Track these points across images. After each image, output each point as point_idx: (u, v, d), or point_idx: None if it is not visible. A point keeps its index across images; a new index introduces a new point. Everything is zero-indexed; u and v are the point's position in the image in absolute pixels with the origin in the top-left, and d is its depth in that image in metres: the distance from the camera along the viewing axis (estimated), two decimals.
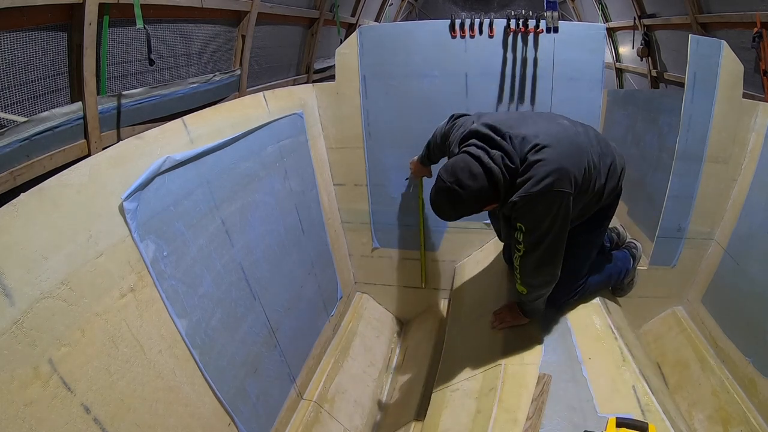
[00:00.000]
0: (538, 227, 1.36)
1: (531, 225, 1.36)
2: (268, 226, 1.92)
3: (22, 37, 1.46)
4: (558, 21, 2.18)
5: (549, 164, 1.29)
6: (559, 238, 1.39)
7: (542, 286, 1.51)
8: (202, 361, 1.39)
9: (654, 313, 2.37)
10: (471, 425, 1.39)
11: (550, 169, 1.29)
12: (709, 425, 1.79)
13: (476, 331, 1.85)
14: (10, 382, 0.88)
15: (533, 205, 1.32)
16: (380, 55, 2.34)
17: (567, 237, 1.41)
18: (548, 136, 1.34)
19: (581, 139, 1.42)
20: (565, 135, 1.39)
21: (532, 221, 1.36)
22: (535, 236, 1.37)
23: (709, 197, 2.15)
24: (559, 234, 1.38)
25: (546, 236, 1.37)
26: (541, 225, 1.35)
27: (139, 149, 1.34)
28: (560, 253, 1.43)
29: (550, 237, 1.37)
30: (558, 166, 1.30)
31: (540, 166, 1.30)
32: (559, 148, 1.33)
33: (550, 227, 1.35)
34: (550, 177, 1.29)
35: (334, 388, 2.09)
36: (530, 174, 1.31)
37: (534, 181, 1.30)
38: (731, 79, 2.04)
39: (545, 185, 1.29)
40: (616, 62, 5.45)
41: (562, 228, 1.37)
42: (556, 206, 1.32)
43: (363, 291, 2.79)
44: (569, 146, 1.36)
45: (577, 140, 1.40)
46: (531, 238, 1.38)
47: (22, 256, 0.97)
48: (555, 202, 1.32)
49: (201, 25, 2.38)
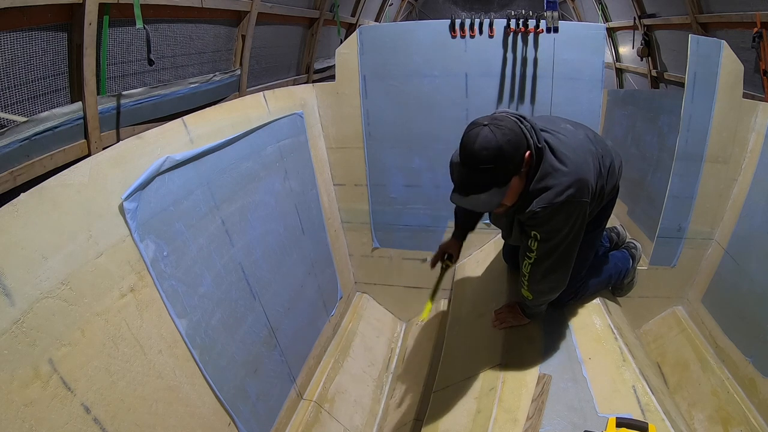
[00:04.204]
0: (554, 236, 1.33)
1: (547, 234, 1.34)
2: (268, 226, 1.92)
3: (22, 37, 1.46)
4: (558, 21, 2.18)
5: (570, 175, 1.27)
6: (572, 246, 1.37)
7: (550, 292, 1.49)
8: (202, 361, 1.39)
9: (654, 313, 2.37)
10: (471, 425, 1.39)
11: (571, 180, 1.26)
12: (709, 425, 1.79)
13: (476, 331, 1.85)
14: (10, 382, 0.88)
15: (553, 215, 1.29)
16: (380, 55, 2.34)
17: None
18: (565, 144, 1.32)
19: (589, 145, 1.41)
20: (578, 142, 1.37)
21: (549, 231, 1.33)
22: (549, 245, 1.35)
23: (709, 197, 2.15)
24: (573, 243, 1.36)
25: (560, 245, 1.35)
26: (558, 234, 1.33)
27: (139, 149, 1.34)
28: (572, 261, 1.41)
29: (564, 246, 1.35)
30: (579, 176, 1.27)
31: (561, 176, 1.27)
32: (575, 156, 1.30)
33: (566, 236, 1.33)
34: (572, 188, 1.26)
35: (334, 388, 2.09)
36: (550, 183, 1.27)
37: (556, 191, 1.26)
38: (731, 79, 2.04)
39: (567, 196, 1.26)
40: (616, 62, 5.45)
41: (576, 237, 1.36)
42: (575, 216, 1.30)
43: (363, 291, 2.79)
44: (584, 154, 1.34)
45: (587, 147, 1.39)
46: (545, 247, 1.35)
47: (22, 256, 0.97)
48: (574, 212, 1.30)
49: (201, 25, 2.38)
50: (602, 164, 1.44)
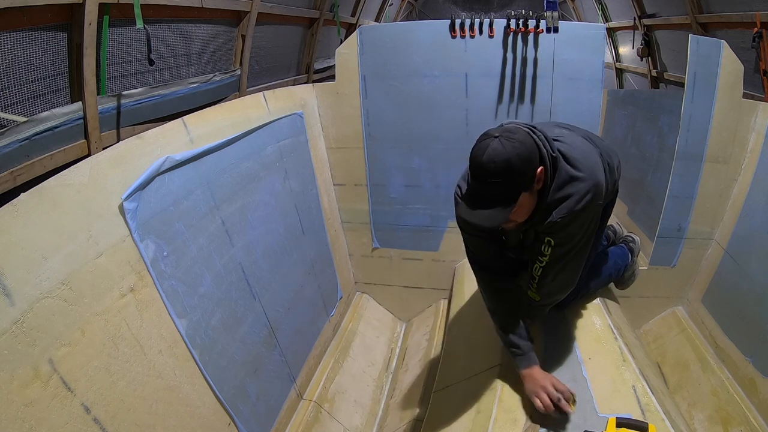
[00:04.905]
0: (569, 242, 1.33)
1: (562, 240, 1.33)
2: (268, 226, 1.92)
3: (22, 37, 1.46)
4: (558, 21, 2.18)
5: (587, 180, 1.26)
6: (584, 249, 1.37)
7: (558, 293, 1.49)
8: (202, 361, 1.39)
9: (654, 313, 2.37)
10: (471, 425, 1.39)
11: (589, 186, 1.25)
12: (709, 425, 1.79)
13: (476, 331, 1.85)
14: (10, 382, 0.88)
15: (571, 222, 1.29)
16: (380, 55, 2.34)
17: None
18: (576, 149, 1.31)
19: (591, 145, 1.40)
20: (582, 145, 1.36)
21: (565, 236, 1.32)
22: (563, 250, 1.34)
23: (709, 197, 2.15)
24: (585, 245, 1.37)
25: (573, 249, 1.34)
26: (572, 240, 1.32)
27: (139, 149, 1.34)
28: (582, 263, 1.41)
29: (576, 249, 1.35)
30: (595, 181, 1.27)
31: (578, 183, 1.26)
32: (586, 160, 1.29)
33: (579, 240, 1.33)
34: (590, 193, 1.26)
35: (334, 388, 2.09)
36: (569, 191, 1.26)
37: (576, 199, 1.25)
38: (731, 79, 2.04)
39: (586, 202, 1.26)
40: (616, 62, 5.46)
41: (588, 239, 1.36)
42: (590, 219, 1.31)
43: (363, 291, 2.79)
44: (592, 154, 1.34)
45: (590, 147, 1.38)
46: (559, 251, 1.35)
47: (22, 256, 0.97)
48: (590, 215, 1.30)
49: (201, 25, 2.38)
50: (604, 163, 1.43)
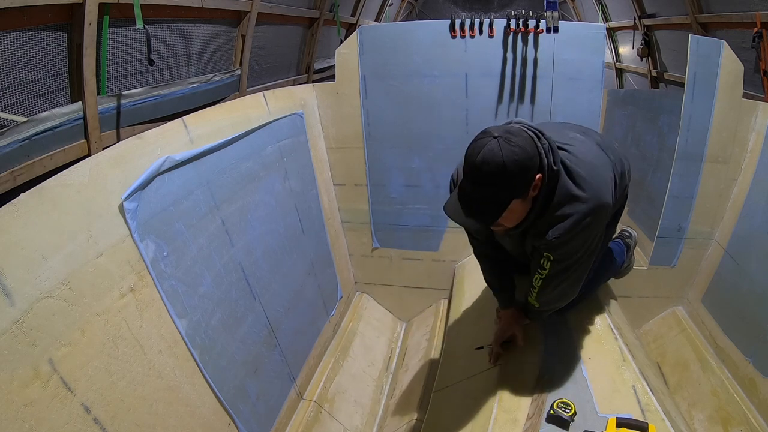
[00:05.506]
0: (568, 258, 1.28)
1: (561, 257, 1.28)
2: (268, 226, 1.92)
3: (22, 37, 1.46)
4: (558, 21, 2.18)
5: (589, 201, 1.18)
6: (586, 264, 1.33)
7: (557, 302, 1.45)
8: (202, 361, 1.39)
9: (654, 313, 2.37)
10: (471, 425, 1.39)
11: (590, 207, 1.18)
12: (709, 425, 1.79)
13: (476, 332, 1.84)
14: (10, 382, 0.88)
15: (568, 242, 1.23)
16: (380, 55, 2.34)
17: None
18: (583, 163, 1.23)
19: (604, 156, 1.33)
20: (594, 156, 1.28)
21: (564, 253, 1.27)
22: (563, 266, 1.30)
23: (709, 197, 2.15)
24: (587, 261, 1.32)
25: (574, 265, 1.30)
26: (572, 257, 1.28)
27: (139, 149, 1.34)
28: (584, 276, 1.37)
29: (577, 265, 1.31)
30: (598, 203, 1.19)
31: (579, 204, 1.18)
32: (593, 179, 1.21)
33: (580, 257, 1.28)
34: (590, 216, 1.19)
35: (334, 388, 2.09)
36: (567, 211, 1.19)
37: (574, 220, 1.19)
38: (731, 79, 2.04)
39: (585, 224, 1.20)
40: (616, 62, 5.45)
41: (591, 255, 1.31)
42: (592, 237, 1.26)
43: (363, 291, 2.79)
44: (603, 171, 1.26)
45: (603, 159, 1.31)
46: (558, 266, 1.31)
47: (22, 256, 0.97)
48: (590, 236, 1.25)
49: (201, 25, 2.38)
50: (616, 174, 1.36)
